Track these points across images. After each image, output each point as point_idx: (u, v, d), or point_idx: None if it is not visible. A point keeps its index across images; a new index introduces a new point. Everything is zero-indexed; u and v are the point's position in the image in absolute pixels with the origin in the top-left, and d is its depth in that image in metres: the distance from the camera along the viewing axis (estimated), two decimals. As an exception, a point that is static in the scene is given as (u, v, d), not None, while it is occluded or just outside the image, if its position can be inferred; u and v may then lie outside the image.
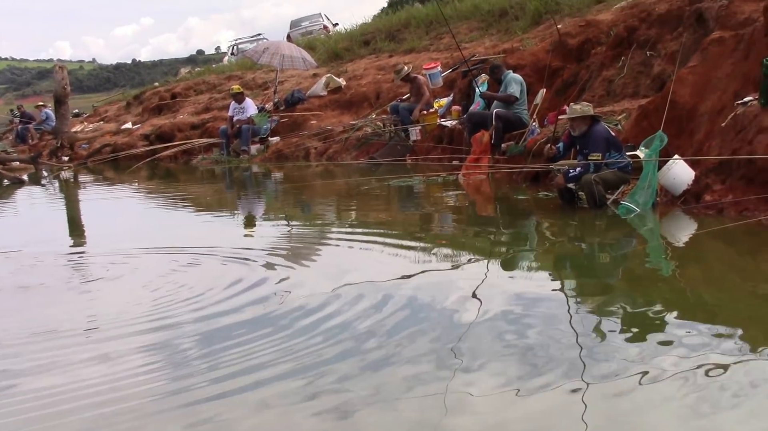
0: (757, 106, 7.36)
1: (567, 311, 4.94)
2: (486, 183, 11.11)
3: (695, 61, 8.93)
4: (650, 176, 7.75)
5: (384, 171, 13.22)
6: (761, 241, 6.42)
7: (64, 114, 21.72)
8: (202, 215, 11.17)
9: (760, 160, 6.92)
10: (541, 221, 8.48)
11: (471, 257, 6.87)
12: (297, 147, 16.94)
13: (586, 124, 8.12)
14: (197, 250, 7.69)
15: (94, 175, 18.58)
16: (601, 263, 6.61)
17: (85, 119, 28.10)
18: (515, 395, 3.63)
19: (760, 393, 3.50)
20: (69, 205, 13.95)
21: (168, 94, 23.81)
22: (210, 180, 15.93)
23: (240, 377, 3.98)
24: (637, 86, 10.95)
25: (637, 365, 3.85)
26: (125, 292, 6.27)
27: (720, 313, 4.77)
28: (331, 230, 8.74)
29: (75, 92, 35.90)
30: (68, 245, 9.26)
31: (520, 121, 11.64)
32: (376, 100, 17.71)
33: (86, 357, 4.62)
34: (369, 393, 3.73)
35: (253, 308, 5.32)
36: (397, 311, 5.01)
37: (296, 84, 20.16)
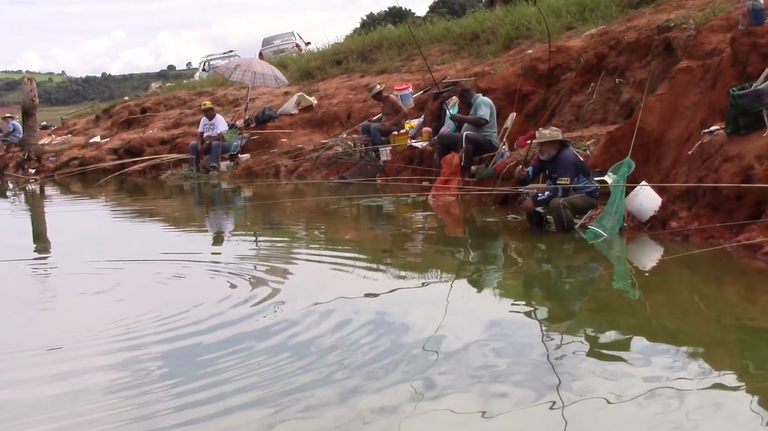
0: (723, 135, 7.47)
1: (532, 335, 4.97)
2: (455, 205, 11.15)
3: (663, 90, 9.06)
4: (617, 202, 7.82)
5: (354, 191, 13.22)
6: (726, 268, 6.49)
7: (32, 126, 21.50)
8: (168, 230, 11.09)
9: (725, 188, 7.01)
10: (509, 243, 8.52)
11: (439, 278, 6.89)
12: (267, 165, 16.88)
13: (555, 148, 8.19)
14: (159, 267, 7.65)
15: (61, 188, 18.40)
16: (568, 287, 6.65)
17: (53, 132, 27.82)
18: (480, 416, 3.64)
19: (721, 416, 3.55)
20: (35, 217, 13.80)
21: (138, 109, 23.65)
22: (178, 196, 15.83)
23: (205, 403, 3.94)
24: (605, 112, 11.06)
25: (600, 388, 3.89)
26: (84, 308, 6.22)
27: (684, 338, 4.82)
28: (299, 249, 8.72)
29: (43, 104, 35.62)
30: (30, 256, 9.17)
31: (489, 144, 11.70)
32: (347, 119, 17.73)
33: (44, 375, 4.58)
34: (338, 414, 3.72)
35: (217, 329, 5.28)
36: (364, 333, 5.01)
37: (267, 102, 20.13)
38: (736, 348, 4.77)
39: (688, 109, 8.52)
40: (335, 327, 5.13)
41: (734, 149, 7.15)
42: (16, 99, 42.06)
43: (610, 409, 3.65)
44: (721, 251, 6.69)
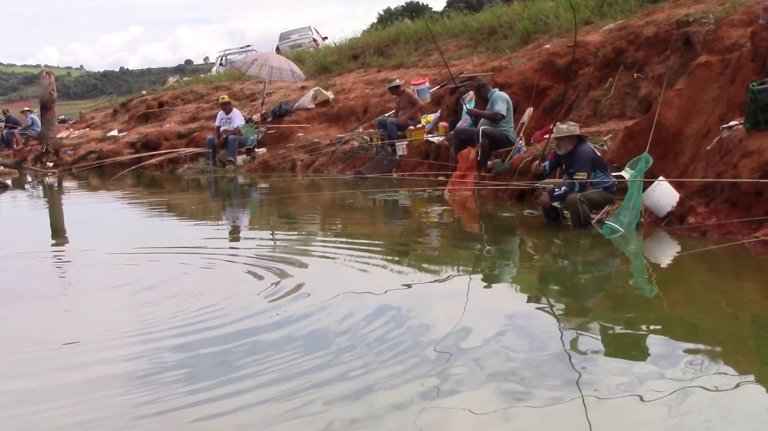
0: (742, 130, 7.41)
1: (549, 331, 4.95)
2: (471, 200, 11.13)
3: (682, 85, 9.00)
4: (635, 197, 7.78)
5: (370, 185, 13.22)
6: (744, 264, 6.45)
7: (50, 120, 21.64)
8: (185, 224, 11.12)
9: (743, 184, 6.97)
10: (525, 238, 8.50)
11: (455, 273, 6.87)
12: (283, 159, 16.92)
13: (572, 143, 8.16)
14: (174, 260, 7.68)
15: (79, 181, 18.50)
16: (585, 282, 6.62)
17: (71, 126, 27.99)
18: (496, 414, 3.63)
19: (739, 414, 3.51)
20: (54, 209, 13.89)
21: (155, 103, 23.74)
22: (195, 190, 15.88)
23: (219, 394, 3.95)
24: (623, 108, 11.01)
25: (619, 386, 3.86)
26: (102, 301, 6.26)
27: (702, 335, 4.79)
28: (315, 243, 8.72)
29: (61, 98, 35.83)
30: (53, 248, 9.24)
31: (506, 139, 11.67)
32: (364, 114, 17.72)
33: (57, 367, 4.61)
34: (354, 410, 3.72)
35: (233, 322, 5.28)
36: (381, 328, 4.99)
37: (284, 96, 20.16)
38: (755, 345, 4.73)
39: (707, 104, 8.46)
40: (352, 322, 5.13)
41: (753, 144, 7.09)
42: (34, 93, 42.35)
43: (629, 408, 3.62)
44: (739, 247, 6.65)
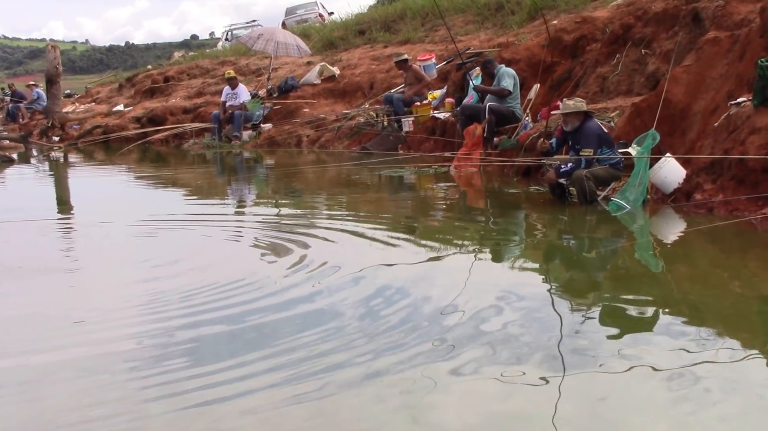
0: (750, 107, 7.38)
1: (553, 305, 4.95)
2: (477, 176, 11.11)
3: (690, 61, 8.94)
4: (641, 174, 7.76)
5: (376, 161, 13.19)
6: (750, 241, 6.44)
7: (56, 94, 21.62)
8: (190, 199, 11.13)
9: (751, 160, 6.94)
10: (531, 215, 8.49)
11: (460, 249, 6.87)
12: (289, 134, 16.90)
13: (578, 120, 8.12)
14: (181, 234, 7.69)
15: (85, 156, 18.51)
16: (590, 258, 6.62)
17: (77, 100, 27.97)
18: (496, 385, 3.64)
19: (742, 392, 3.52)
20: (59, 182, 13.92)
21: (161, 78, 23.71)
22: (201, 165, 15.88)
23: (227, 377, 3.95)
24: (631, 84, 10.96)
25: (620, 360, 3.87)
26: (107, 277, 6.27)
27: (706, 311, 4.79)
28: (320, 218, 8.72)
29: (67, 73, 35.74)
30: (67, 220, 9.28)
31: (513, 115, 11.63)
32: (370, 90, 17.69)
33: (62, 344, 4.63)
34: (352, 381, 3.73)
35: (237, 297, 5.28)
36: (386, 304, 4.99)
37: (290, 71, 20.10)
38: (760, 321, 4.73)
39: (715, 80, 8.42)
40: (356, 298, 5.12)
41: (761, 120, 7.06)
42: (40, 67, 42.28)
43: (633, 382, 3.63)
44: (745, 224, 6.64)
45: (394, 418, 3.36)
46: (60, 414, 3.57)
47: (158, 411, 3.55)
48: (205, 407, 3.55)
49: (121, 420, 3.45)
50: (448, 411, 3.40)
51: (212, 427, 3.39)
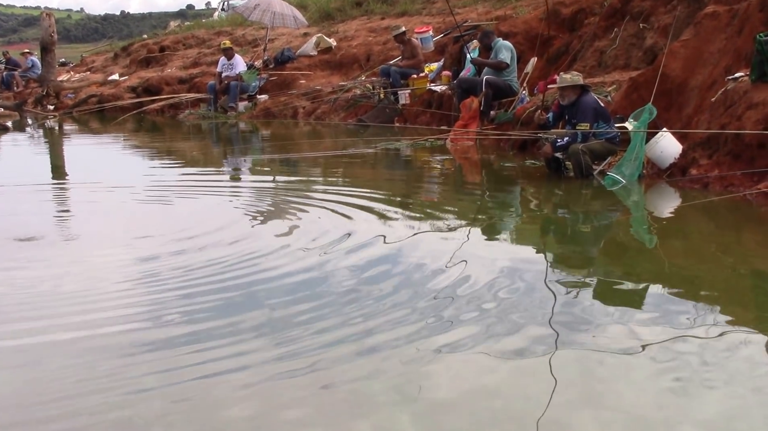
0: (747, 82, 7.36)
1: (547, 279, 4.95)
2: (473, 149, 11.09)
3: (688, 35, 8.90)
4: (637, 149, 7.75)
5: (372, 133, 13.17)
6: (745, 216, 6.45)
7: (51, 62, 21.49)
8: (184, 169, 11.10)
9: (747, 135, 6.93)
10: (527, 189, 8.48)
11: (455, 222, 6.86)
12: (285, 106, 16.84)
13: (575, 93, 8.10)
14: (176, 203, 7.68)
15: (80, 125, 18.43)
16: (585, 232, 6.62)
17: (72, 69, 27.82)
18: (490, 359, 3.65)
19: (735, 367, 3.53)
20: (53, 150, 13.87)
21: (156, 47, 23.58)
22: (196, 135, 15.82)
23: (223, 346, 3.96)
24: (628, 58, 10.92)
25: (612, 334, 3.88)
26: (100, 246, 6.26)
27: (700, 285, 4.80)
28: (315, 190, 8.70)
29: (62, 42, 35.49)
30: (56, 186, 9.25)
31: (510, 88, 11.60)
32: (367, 62, 17.60)
33: (55, 314, 4.63)
34: (348, 355, 3.74)
35: (235, 272, 5.27)
36: (380, 277, 4.99)
37: (286, 42, 20.00)
38: (753, 296, 4.74)
39: (713, 55, 8.39)
40: (350, 272, 5.12)
41: (758, 96, 7.05)
42: (34, 35, 41.96)
43: (625, 355, 3.64)
44: (740, 199, 6.65)
45: (389, 392, 3.37)
46: (53, 385, 3.57)
47: (152, 384, 3.56)
48: (199, 380, 3.56)
49: (113, 394, 3.47)
50: (443, 386, 3.41)
51: (205, 399, 3.40)
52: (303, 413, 3.22)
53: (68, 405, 3.31)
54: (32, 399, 3.42)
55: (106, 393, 3.41)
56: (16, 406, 3.37)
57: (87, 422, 3.16)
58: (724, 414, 3.16)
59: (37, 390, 3.52)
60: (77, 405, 3.31)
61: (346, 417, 3.18)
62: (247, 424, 3.15)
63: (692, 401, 3.25)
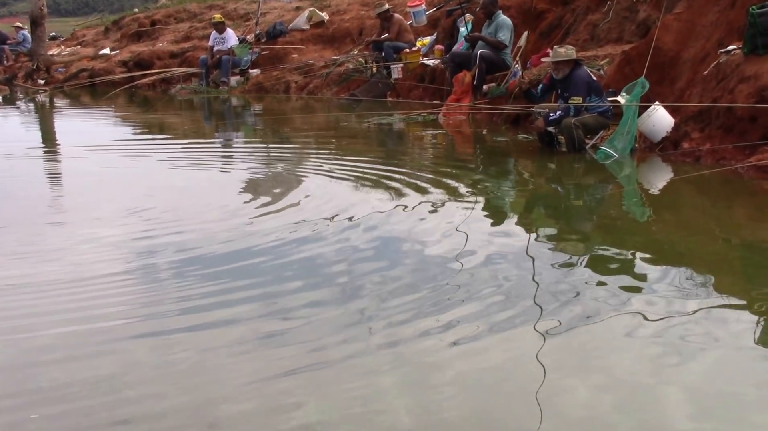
0: (739, 55, 7.36)
1: (539, 254, 4.98)
2: (466, 124, 11.08)
3: (681, 8, 8.88)
4: (630, 122, 7.76)
5: (364, 108, 13.14)
6: (736, 189, 6.48)
7: (41, 36, 21.31)
8: (178, 142, 11.07)
9: (739, 109, 6.95)
10: (519, 163, 8.49)
11: (447, 197, 6.85)
12: (277, 80, 16.76)
13: (569, 67, 8.09)
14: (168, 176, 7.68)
15: (71, 99, 18.34)
16: (577, 207, 6.65)
17: (62, 43, 27.57)
18: (483, 333, 3.67)
19: (725, 338, 3.57)
20: (44, 123, 13.83)
21: (148, 21, 23.37)
22: (188, 110, 15.76)
23: (214, 312, 3.99)
24: (621, 32, 10.89)
25: (605, 308, 3.91)
26: (93, 208, 6.27)
27: (691, 258, 4.83)
28: (307, 165, 8.69)
29: (52, 15, 35.23)
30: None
31: (503, 63, 11.56)
32: (359, 36, 17.50)
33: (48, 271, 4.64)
34: (341, 330, 3.77)
35: (219, 243, 5.29)
36: (369, 250, 5.02)
37: (278, 17, 19.84)
38: (744, 269, 4.78)
39: (706, 28, 8.37)
40: (343, 247, 5.13)
41: (750, 69, 7.05)
42: (24, 9, 41.54)
43: (616, 329, 3.68)
44: (732, 173, 6.67)
45: (384, 367, 3.40)
46: (49, 349, 3.61)
47: (144, 336, 3.61)
48: (193, 345, 3.60)
49: (109, 353, 3.51)
50: (437, 360, 3.44)
51: (198, 358, 3.44)
52: (296, 384, 3.25)
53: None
54: (27, 359, 3.47)
55: (100, 346, 3.47)
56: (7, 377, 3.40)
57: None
58: (709, 377, 3.22)
59: (32, 341, 3.60)
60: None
61: (338, 390, 3.20)
62: (240, 394, 3.18)
63: (681, 367, 3.30)
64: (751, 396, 3.08)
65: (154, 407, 3.07)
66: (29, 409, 3.08)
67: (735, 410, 3.00)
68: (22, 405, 3.12)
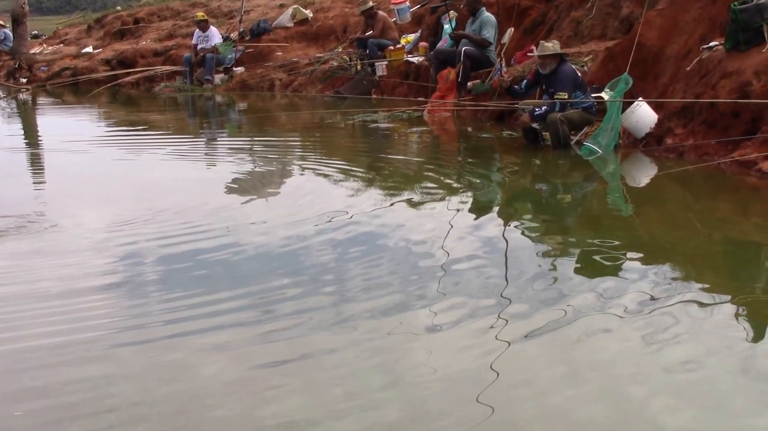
0: (721, 50, 7.40)
1: (524, 250, 5.00)
2: (451, 121, 11.09)
3: (664, 4, 8.92)
4: (614, 118, 7.78)
5: (349, 105, 13.13)
6: (719, 184, 6.52)
7: (23, 35, 21.17)
8: (162, 139, 11.02)
9: (721, 104, 6.98)
10: (504, 159, 8.51)
11: (432, 194, 6.86)
12: (262, 78, 16.71)
13: (555, 62, 8.10)
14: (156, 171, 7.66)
15: (54, 98, 18.24)
16: (562, 203, 6.67)
17: (45, 41, 27.39)
18: (468, 329, 3.69)
19: (707, 332, 3.60)
20: (26, 120, 13.75)
21: (131, 19, 23.24)
22: (172, 108, 15.70)
23: (199, 316, 3.97)
24: (604, 28, 10.91)
25: (589, 302, 3.93)
26: (78, 209, 6.24)
27: (675, 253, 4.86)
28: (292, 163, 8.69)
29: (34, 13, 35.00)
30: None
31: (487, 59, 11.57)
32: (344, 33, 17.47)
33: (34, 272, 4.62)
34: (325, 327, 3.78)
35: (202, 239, 5.29)
36: (356, 247, 5.03)
37: (262, 14, 19.79)
38: (727, 263, 4.82)
39: (688, 24, 8.41)
40: (330, 244, 5.14)
41: (733, 65, 7.09)
42: (5, 7, 41.30)
43: (600, 324, 3.70)
44: (715, 168, 6.71)
45: (367, 362, 3.41)
46: (33, 342, 3.60)
47: (130, 341, 3.60)
48: (177, 341, 3.60)
49: (94, 347, 3.50)
50: (423, 358, 3.45)
51: (183, 361, 3.43)
52: (283, 380, 3.25)
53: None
54: (15, 364, 3.46)
55: (86, 345, 3.46)
56: None
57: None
58: (689, 368, 3.25)
59: (17, 345, 3.59)
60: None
61: (325, 386, 3.21)
62: (226, 389, 3.18)
63: (661, 359, 3.33)
64: (731, 386, 3.11)
65: (138, 403, 3.07)
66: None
67: (714, 400, 3.03)
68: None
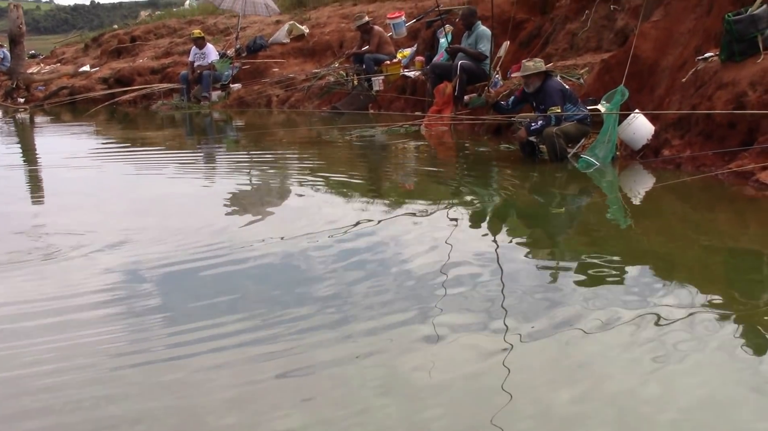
0: (717, 62, 7.42)
1: (523, 263, 5.00)
2: (448, 134, 11.11)
3: (658, 16, 8.96)
4: (610, 131, 7.80)
5: (346, 120, 13.15)
6: (716, 195, 6.53)
7: (20, 54, 21.23)
8: (161, 157, 11.03)
9: (718, 116, 7.00)
10: (502, 173, 8.51)
11: (430, 208, 6.87)
12: (259, 95, 16.74)
13: (540, 80, 8.13)
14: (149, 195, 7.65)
15: (52, 117, 18.27)
16: (560, 215, 6.67)
17: (42, 61, 27.48)
18: (465, 341, 3.69)
19: (706, 343, 3.59)
20: (22, 139, 13.76)
21: (127, 38, 23.33)
22: (170, 126, 15.72)
23: (199, 333, 3.97)
24: (600, 40, 10.95)
25: (588, 314, 3.93)
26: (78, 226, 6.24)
27: (674, 265, 4.87)
28: (290, 178, 8.70)
29: (31, 33, 35.11)
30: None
31: (483, 73, 11.60)
32: (340, 48, 17.53)
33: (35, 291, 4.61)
34: (324, 340, 3.77)
35: (203, 258, 5.28)
36: (354, 262, 5.04)
37: (258, 30, 19.86)
38: (726, 274, 4.82)
39: (683, 35, 8.44)
40: (329, 259, 5.14)
41: (728, 75, 7.11)
42: (2, 27, 41.36)
43: (599, 335, 3.70)
44: (712, 179, 6.72)
45: (367, 377, 3.40)
46: (33, 367, 3.59)
47: (130, 362, 3.59)
48: (177, 360, 3.59)
49: (94, 368, 3.50)
50: (421, 371, 3.44)
51: (183, 379, 3.43)
52: (280, 394, 3.25)
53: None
54: (11, 388, 3.45)
55: (85, 370, 3.46)
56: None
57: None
58: (689, 381, 3.25)
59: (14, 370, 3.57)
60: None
61: (326, 401, 3.21)
62: (227, 406, 3.17)
63: (661, 371, 3.32)
64: (733, 399, 3.10)
65: (138, 421, 3.07)
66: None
67: (716, 414, 3.02)
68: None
